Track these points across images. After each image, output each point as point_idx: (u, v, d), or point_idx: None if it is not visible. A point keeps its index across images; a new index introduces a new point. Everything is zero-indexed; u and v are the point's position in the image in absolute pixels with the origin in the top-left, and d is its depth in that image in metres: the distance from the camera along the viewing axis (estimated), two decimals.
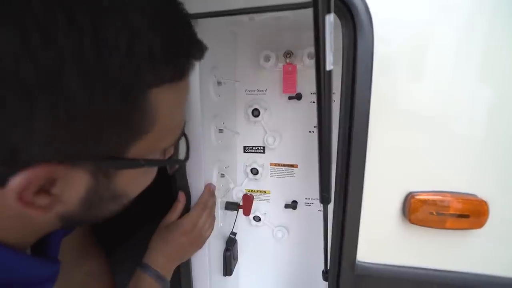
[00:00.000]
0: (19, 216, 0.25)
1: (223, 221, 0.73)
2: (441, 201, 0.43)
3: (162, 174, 0.34)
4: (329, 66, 0.30)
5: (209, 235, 0.58)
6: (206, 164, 0.58)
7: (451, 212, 0.42)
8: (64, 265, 0.48)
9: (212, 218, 0.58)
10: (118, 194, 0.27)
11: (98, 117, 0.20)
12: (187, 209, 0.58)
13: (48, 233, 0.31)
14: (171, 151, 0.33)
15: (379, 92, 0.42)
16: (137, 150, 0.24)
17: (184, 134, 0.33)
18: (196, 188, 0.58)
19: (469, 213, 0.42)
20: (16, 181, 0.20)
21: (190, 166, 0.57)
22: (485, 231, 0.42)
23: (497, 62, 0.39)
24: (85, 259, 0.54)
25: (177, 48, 0.23)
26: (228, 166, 0.74)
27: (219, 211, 0.71)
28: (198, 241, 0.56)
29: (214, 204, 0.60)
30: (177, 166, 0.35)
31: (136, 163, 0.25)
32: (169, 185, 0.59)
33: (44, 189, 0.22)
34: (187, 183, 0.57)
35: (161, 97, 0.23)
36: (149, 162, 0.27)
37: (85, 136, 0.21)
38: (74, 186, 0.23)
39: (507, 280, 0.44)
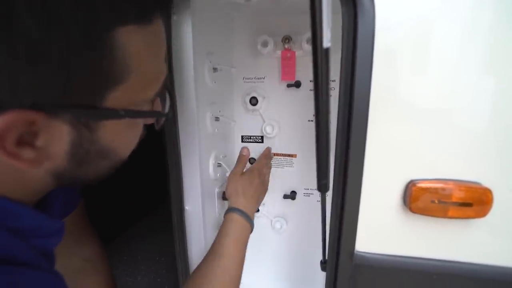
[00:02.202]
0: (12, 171, 0.25)
1: (221, 211, 0.72)
2: (443, 189, 0.41)
3: (156, 165, 0.32)
4: (326, 43, 0.28)
5: (268, 180, 0.69)
6: (201, 152, 0.57)
7: (454, 200, 0.41)
8: (62, 250, 0.48)
9: (269, 166, 0.71)
10: (104, 149, 0.27)
11: (62, 58, 0.20)
12: (179, 204, 0.57)
13: (46, 193, 0.31)
14: (159, 106, 0.32)
15: (380, 80, 0.40)
16: (116, 100, 0.24)
17: (167, 89, 0.32)
18: (191, 176, 0.57)
19: (472, 202, 0.40)
20: None
21: (184, 154, 0.55)
22: (489, 220, 0.41)
23: (501, 52, 0.38)
24: (83, 246, 0.55)
25: None
26: (226, 156, 0.73)
27: (217, 201, 0.70)
28: (265, 184, 0.66)
29: (271, 156, 0.72)
30: (163, 120, 0.34)
31: (114, 114, 0.25)
32: (164, 179, 0.57)
33: (27, 141, 0.22)
34: (180, 171, 0.56)
35: (129, 39, 0.23)
36: (128, 113, 0.26)
37: (52, 80, 0.20)
38: (57, 138, 0.23)
39: (511, 270, 0.42)
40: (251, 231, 0.57)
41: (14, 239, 0.25)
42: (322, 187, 0.41)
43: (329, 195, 0.46)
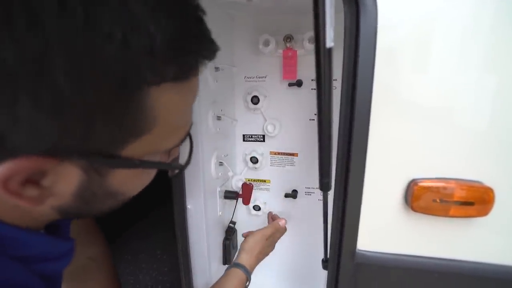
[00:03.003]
0: (15, 206, 0.24)
1: (222, 210, 0.72)
2: (445, 188, 0.41)
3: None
4: (329, 43, 0.28)
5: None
6: (203, 151, 0.57)
7: (455, 199, 0.41)
8: None
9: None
10: (113, 192, 0.26)
11: (87, 111, 0.19)
12: (181, 203, 0.57)
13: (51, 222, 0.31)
14: (176, 152, 0.31)
15: (381, 79, 0.40)
16: (134, 149, 0.23)
17: (189, 136, 0.30)
18: (193, 175, 0.57)
19: (474, 201, 0.40)
20: (0, 170, 0.19)
21: (184, 151, 0.55)
22: (490, 219, 0.41)
23: (503, 51, 0.38)
24: (88, 245, 0.55)
25: (183, 45, 0.21)
26: (227, 155, 0.73)
27: (218, 200, 0.70)
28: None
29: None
30: (177, 171, 0.33)
31: (130, 163, 0.24)
32: (166, 177, 0.57)
33: (32, 180, 0.21)
34: (183, 173, 0.56)
35: (161, 97, 0.21)
36: (144, 164, 0.25)
37: (73, 130, 0.19)
38: (65, 180, 0.22)
39: None
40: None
41: (17, 267, 0.25)
42: (324, 186, 0.41)
43: (330, 194, 0.46)
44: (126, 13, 0.18)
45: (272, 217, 0.73)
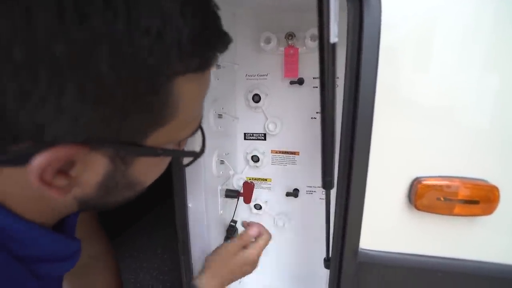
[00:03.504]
0: (39, 197, 0.25)
1: (223, 209, 0.72)
2: (449, 186, 0.41)
3: None
4: (333, 39, 0.27)
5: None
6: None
7: (460, 198, 0.41)
8: None
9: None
10: (133, 181, 0.27)
11: (124, 100, 0.20)
12: (182, 201, 0.56)
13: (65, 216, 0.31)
14: (185, 144, 0.33)
15: (385, 77, 0.40)
16: (155, 138, 0.24)
17: (200, 127, 0.33)
18: (194, 173, 0.57)
19: (478, 199, 0.40)
20: (39, 160, 0.20)
21: (192, 144, 0.55)
22: (495, 218, 0.41)
23: (506, 49, 0.38)
24: (90, 242, 0.55)
25: (205, 39, 0.23)
26: (228, 153, 0.72)
27: (219, 199, 0.69)
28: (255, 267, 0.56)
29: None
30: (192, 158, 0.35)
31: (154, 152, 0.25)
32: (167, 176, 0.57)
33: (62, 170, 0.22)
34: (184, 171, 0.56)
35: (184, 87, 0.23)
36: (166, 152, 0.27)
37: (110, 119, 0.21)
38: (93, 169, 0.24)
39: None
40: None
41: (17, 268, 0.25)
42: (327, 184, 0.41)
43: (332, 192, 0.46)
44: (160, 10, 0.20)
45: (245, 225, 0.60)
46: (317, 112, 0.72)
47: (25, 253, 0.26)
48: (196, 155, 0.33)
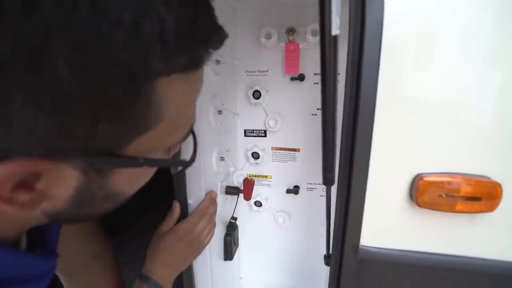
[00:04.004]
0: (0, 213, 0.22)
1: (224, 206, 0.71)
2: (451, 183, 0.40)
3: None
4: (335, 31, 0.27)
5: (209, 241, 0.58)
6: (204, 146, 0.56)
7: (462, 194, 0.40)
8: (68, 248, 0.48)
9: (212, 224, 0.58)
10: (114, 193, 0.24)
11: (91, 107, 0.17)
12: (182, 198, 0.56)
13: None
14: (176, 149, 0.29)
15: (387, 73, 0.39)
16: (137, 146, 0.21)
17: (192, 132, 0.29)
18: (194, 170, 0.56)
19: (480, 196, 0.40)
20: None
21: (187, 148, 0.55)
22: (497, 215, 0.40)
23: (508, 46, 0.37)
24: (90, 243, 0.55)
25: (194, 33, 0.19)
26: (228, 150, 0.72)
27: (220, 196, 0.69)
28: (197, 247, 0.54)
29: (214, 211, 0.59)
30: (180, 168, 0.31)
31: (134, 162, 0.22)
32: (167, 173, 0.57)
33: (25, 184, 0.19)
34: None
35: (170, 89, 0.20)
36: (149, 162, 0.23)
37: (75, 129, 0.17)
38: (62, 183, 0.20)
39: None
40: None
41: None
42: (327, 181, 0.40)
43: (333, 188, 0.45)
44: None
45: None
46: (317, 109, 0.71)
47: None
48: (184, 164, 0.29)
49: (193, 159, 0.30)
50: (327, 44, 0.27)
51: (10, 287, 0.24)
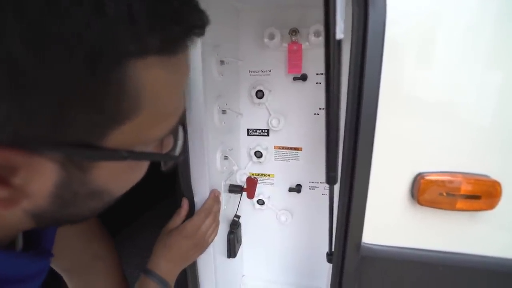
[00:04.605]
0: None
1: (227, 204, 0.72)
2: (451, 181, 0.41)
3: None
4: (339, 35, 0.28)
5: (213, 239, 0.59)
6: (209, 145, 0.57)
7: (462, 193, 0.41)
8: (71, 247, 0.48)
9: (216, 223, 0.59)
10: (98, 190, 0.23)
11: (55, 90, 0.16)
12: (189, 196, 0.57)
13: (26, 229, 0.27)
14: (170, 143, 0.27)
15: (389, 73, 0.40)
16: (119, 138, 0.20)
17: (182, 124, 0.28)
18: (199, 170, 0.57)
19: (480, 194, 0.40)
20: None
21: (192, 147, 0.56)
22: (497, 213, 0.41)
23: (508, 46, 0.38)
24: (93, 242, 0.55)
25: (168, 11, 0.18)
26: (232, 149, 0.73)
27: (223, 194, 0.70)
28: (202, 245, 0.56)
29: (218, 209, 0.60)
30: (171, 162, 0.30)
31: (115, 155, 0.21)
32: (171, 172, 0.58)
33: (1, 179, 0.18)
34: (188, 167, 0.56)
35: (145, 73, 0.18)
36: (132, 155, 0.22)
37: (40, 113, 0.16)
38: (40, 177, 0.19)
39: None
40: None
41: None
42: (330, 179, 0.41)
43: (335, 187, 0.46)
44: None
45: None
46: (320, 108, 0.72)
47: None
48: (172, 158, 0.28)
49: (182, 153, 0.28)
50: (332, 47, 0.28)
51: (3, 287, 0.24)
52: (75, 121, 0.17)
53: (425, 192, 0.42)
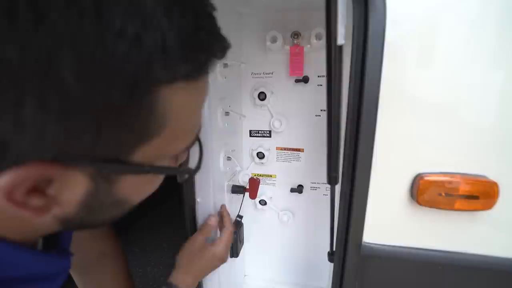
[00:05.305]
0: (15, 217, 0.23)
1: (230, 204, 0.73)
2: (450, 182, 0.42)
3: None
4: (340, 41, 0.29)
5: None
6: (212, 146, 0.58)
7: (460, 193, 0.42)
8: (78, 245, 0.49)
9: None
10: (121, 200, 0.25)
11: (96, 113, 0.18)
12: (191, 196, 0.58)
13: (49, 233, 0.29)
14: (184, 157, 0.30)
15: (389, 74, 0.41)
16: (143, 154, 0.22)
17: (198, 140, 0.29)
18: (202, 171, 0.58)
19: (478, 195, 0.41)
20: (4, 180, 0.18)
21: (194, 155, 0.57)
22: (495, 213, 0.42)
23: (509, 47, 0.38)
24: (99, 240, 0.56)
25: (196, 42, 0.20)
26: (234, 150, 0.74)
27: (226, 194, 0.71)
28: (223, 261, 0.58)
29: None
30: (187, 176, 0.32)
31: (140, 169, 0.23)
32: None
33: (37, 189, 0.20)
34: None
35: (172, 97, 0.20)
36: (155, 169, 0.24)
37: (81, 134, 0.18)
38: (72, 188, 0.21)
39: None
40: None
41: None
42: (332, 180, 0.42)
43: (337, 187, 0.47)
44: (139, 7, 0.17)
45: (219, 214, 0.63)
46: (321, 110, 0.73)
47: (6, 274, 0.24)
48: (190, 172, 0.30)
49: (198, 167, 0.30)
50: (333, 52, 0.29)
51: (30, 284, 0.26)
52: (109, 140, 0.19)
53: (425, 192, 0.43)
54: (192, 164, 0.32)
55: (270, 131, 0.78)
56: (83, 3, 0.16)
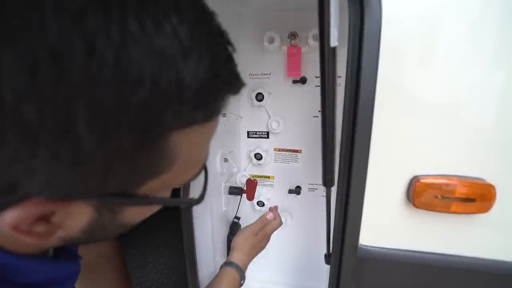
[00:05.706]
0: (21, 240, 0.23)
1: (227, 205, 0.73)
2: (447, 184, 0.42)
3: None
4: (333, 42, 0.29)
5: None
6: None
7: (457, 196, 0.42)
8: (79, 246, 0.49)
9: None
10: (123, 225, 0.26)
11: (106, 158, 0.18)
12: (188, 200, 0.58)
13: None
14: (187, 183, 0.32)
15: (385, 75, 0.40)
16: (150, 187, 0.22)
17: (204, 168, 0.29)
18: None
19: (475, 197, 0.41)
20: (11, 215, 0.19)
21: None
22: (491, 216, 0.42)
23: (509, 48, 0.38)
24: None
25: (213, 91, 0.20)
26: (232, 151, 0.74)
27: (223, 196, 0.71)
28: (268, 240, 0.66)
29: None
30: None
31: (145, 201, 0.23)
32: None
33: (42, 217, 0.20)
34: None
35: (184, 139, 0.20)
36: (159, 200, 0.25)
37: (90, 178, 0.18)
38: (76, 217, 0.22)
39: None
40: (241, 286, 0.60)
41: None
42: (327, 182, 0.42)
43: (333, 189, 0.47)
44: (157, 52, 0.17)
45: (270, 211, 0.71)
46: (319, 111, 0.72)
47: (23, 280, 0.26)
48: (192, 203, 0.30)
49: (202, 196, 0.30)
50: (326, 54, 0.29)
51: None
52: (117, 179, 0.20)
53: (421, 195, 0.42)
54: (194, 183, 0.32)
55: (267, 132, 0.77)
56: (104, 54, 0.15)
